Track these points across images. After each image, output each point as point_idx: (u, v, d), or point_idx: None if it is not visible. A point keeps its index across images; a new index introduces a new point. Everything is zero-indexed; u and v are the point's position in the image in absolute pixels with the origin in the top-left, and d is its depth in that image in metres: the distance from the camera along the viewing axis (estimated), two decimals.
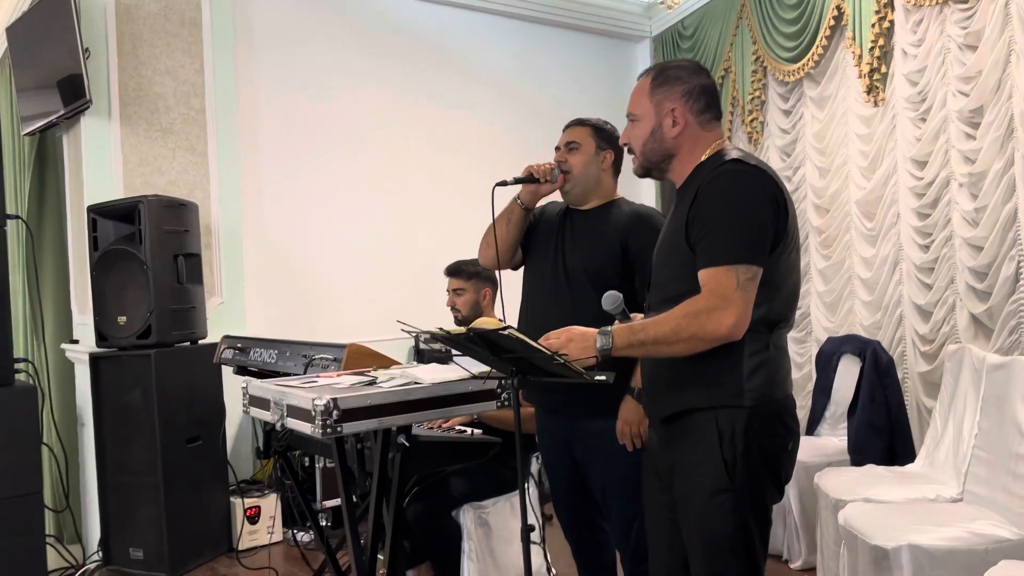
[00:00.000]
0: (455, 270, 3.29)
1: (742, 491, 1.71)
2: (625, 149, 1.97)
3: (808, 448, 3.62)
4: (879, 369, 3.62)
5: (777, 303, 1.75)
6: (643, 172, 1.92)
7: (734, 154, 1.78)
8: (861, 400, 3.60)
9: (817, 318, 4.55)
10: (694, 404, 1.75)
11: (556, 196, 2.50)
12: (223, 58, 4.31)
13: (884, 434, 3.54)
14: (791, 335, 4.67)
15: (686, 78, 1.85)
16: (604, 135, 2.44)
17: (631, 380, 2.21)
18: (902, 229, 3.99)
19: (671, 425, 1.82)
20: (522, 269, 2.58)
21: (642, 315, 1.91)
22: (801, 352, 4.64)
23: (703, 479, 1.73)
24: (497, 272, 2.67)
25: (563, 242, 2.42)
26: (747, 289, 1.65)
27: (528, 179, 2.36)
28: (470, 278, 3.24)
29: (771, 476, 1.76)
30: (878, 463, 3.41)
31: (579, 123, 2.47)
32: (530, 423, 2.74)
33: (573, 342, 1.73)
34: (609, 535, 2.49)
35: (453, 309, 3.31)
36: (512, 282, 2.57)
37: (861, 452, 3.50)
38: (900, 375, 3.82)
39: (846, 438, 3.63)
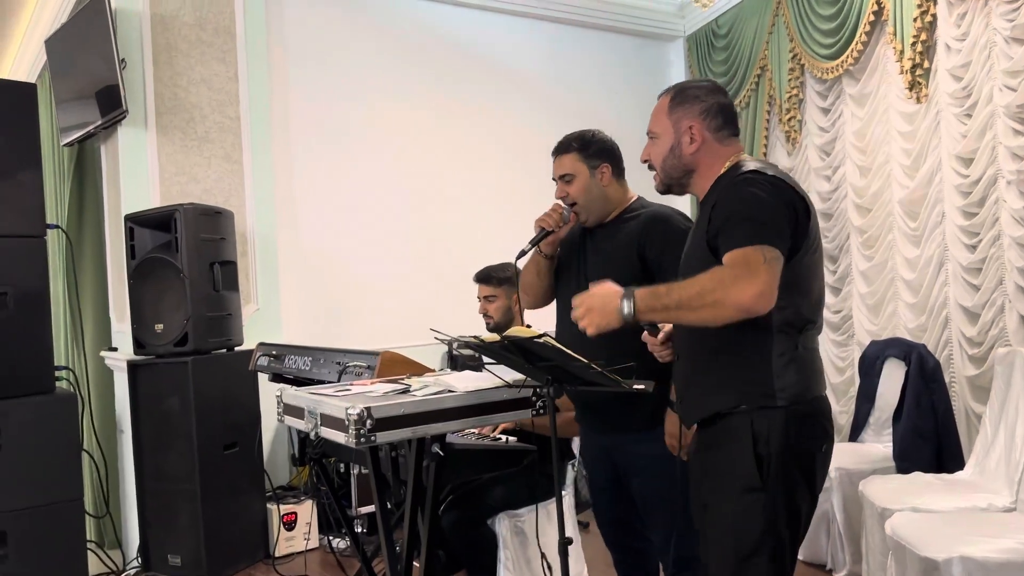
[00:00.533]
0: (485, 277, 3.26)
1: (774, 492, 1.71)
2: (646, 165, 2.00)
3: (852, 454, 3.52)
4: (925, 373, 3.51)
5: (803, 305, 1.76)
6: (664, 188, 1.97)
7: (751, 165, 1.82)
8: (907, 405, 3.49)
9: (860, 321, 4.45)
10: (727, 406, 1.76)
11: None
12: (257, 67, 4.34)
13: (931, 440, 3.43)
14: (832, 338, 4.58)
15: (704, 97, 1.90)
16: (591, 151, 2.38)
17: (671, 392, 2.16)
18: (947, 228, 3.87)
19: (706, 430, 1.83)
20: None
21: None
22: (843, 356, 4.53)
23: (734, 478, 1.73)
24: None
25: (585, 261, 2.39)
26: (772, 266, 1.63)
27: (543, 236, 2.35)
28: (501, 284, 3.21)
29: (805, 479, 1.75)
30: (925, 470, 3.30)
31: (562, 150, 2.40)
32: (570, 427, 2.70)
33: (593, 311, 1.72)
34: (651, 545, 2.44)
35: (485, 316, 3.28)
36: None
37: (907, 459, 3.40)
38: (947, 379, 3.70)
39: (891, 444, 3.53)
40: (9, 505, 3.32)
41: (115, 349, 4.18)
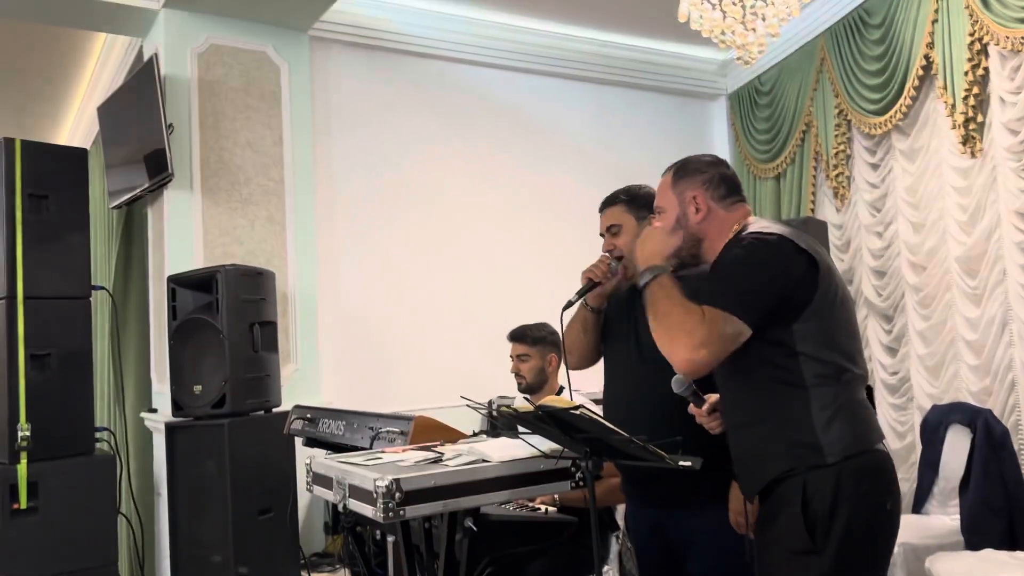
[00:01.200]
0: (519, 335, 3.20)
1: (827, 556, 1.62)
2: None
3: (916, 528, 3.31)
4: (992, 441, 3.31)
5: (836, 354, 1.73)
6: (677, 264, 1.92)
7: (755, 227, 1.82)
8: (974, 475, 3.29)
9: (919, 383, 4.24)
10: (780, 472, 1.70)
11: None
12: (301, 131, 4.40)
13: (1003, 514, 3.21)
14: (890, 401, 4.37)
15: (704, 168, 1.95)
16: (639, 203, 2.37)
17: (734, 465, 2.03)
18: (1010, 286, 3.70)
19: (766, 501, 1.76)
20: None
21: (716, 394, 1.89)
22: (903, 420, 4.32)
23: (787, 542, 1.66)
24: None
25: (637, 322, 2.28)
26: (725, 340, 1.67)
27: (590, 287, 2.29)
28: (535, 344, 3.15)
29: (867, 541, 1.64)
30: (996, 546, 3.09)
31: (609, 203, 2.42)
32: (613, 495, 2.57)
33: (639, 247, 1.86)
34: None
35: (517, 375, 3.21)
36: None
37: (977, 533, 3.18)
38: (1016, 446, 3.48)
39: (958, 517, 3.32)
40: (44, 570, 3.29)
41: (155, 410, 4.18)
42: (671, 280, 1.78)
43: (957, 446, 3.47)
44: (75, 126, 5.91)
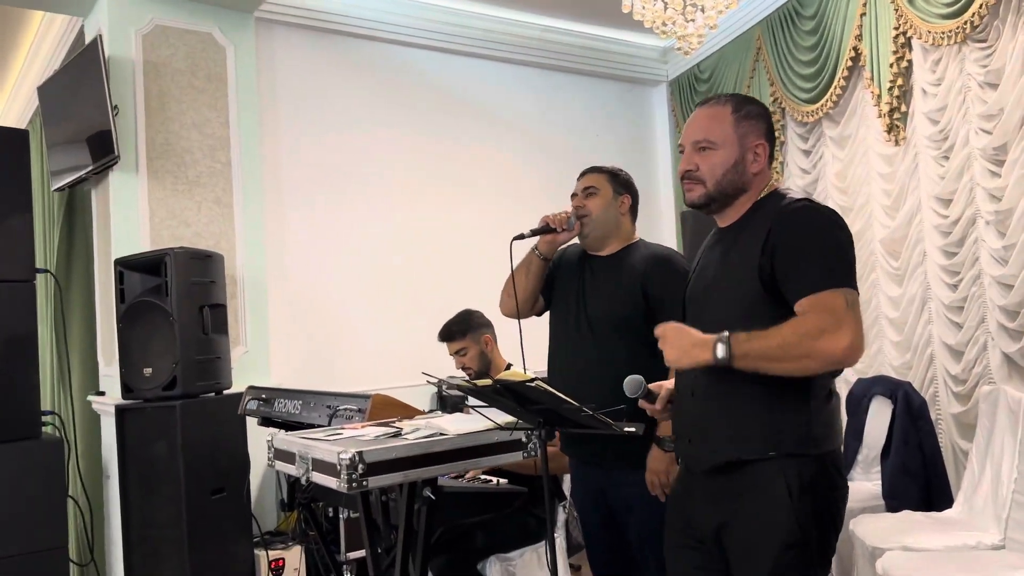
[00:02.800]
0: (447, 335, 3.28)
1: (812, 546, 1.64)
2: (684, 177, 1.81)
3: None
4: (911, 411, 3.54)
5: None
6: (704, 202, 1.77)
7: (797, 194, 1.75)
8: (894, 443, 3.52)
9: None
10: (756, 453, 1.64)
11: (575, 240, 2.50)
12: (248, 112, 4.39)
13: (919, 478, 3.45)
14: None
15: (767, 118, 1.80)
16: (620, 181, 2.50)
17: (657, 429, 2.17)
18: (929, 268, 3.94)
19: (722, 476, 1.70)
20: (547, 315, 2.57)
21: (667, 384, 1.85)
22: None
23: (773, 534, 1.63)
24: (518, 320, 2.65)
25: (584, 290, 2.41)
26: (855, 311, 1.55)
27: (545, 229, 2.38)
28: (464, 335, 3.24)
29: (835, 528, 1.69)
30: (914, 508, 3.32)
31: (595, 170, 2.52)
32: (557, 460, 2.70)
33: (677, 349, 1.60)
34: None
35: (464, 369, 3.29)
36: (532, 325, 2.55)
37: (896, 497, 3.41)
38: (933, 416, 3.74)
39: (880, 483, 3.55)
40: None
41: (102, 393, 4.16)
42: (744, 335, 1.57)
43: (879, 416, 3.70)
44: (9, 105, 5.75)
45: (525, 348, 2.37)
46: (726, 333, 1.58)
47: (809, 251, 1.61)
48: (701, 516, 1.78)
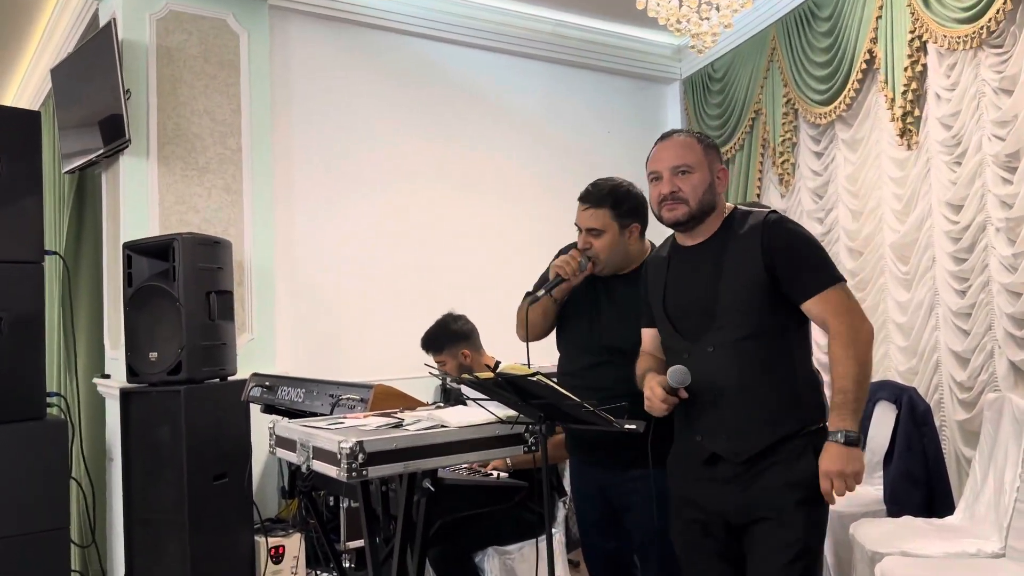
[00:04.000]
0: (424, 347, 3.30)
1: (826, 505, 1.89)
2: (667, 199, 2.02)
3: (843, 497, 3.52)
4: (916, 417, 3.53)
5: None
6: (687, 219, 2.01)
7: (758, 210, 2.03)
8: (897, 449, 3.51)
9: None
10: (790, 430, 1.87)
11: None
12: (259, 99, 4.40)
13: (922, 485, 3.43)
14: (825, 379, 4.59)
15: (720, 150, 2.20)
16: (624, 211, 2.36)
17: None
18: (938, 274, 3.92)
19: (759, 460, 1.89)
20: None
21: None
22: None
23: (800, 488, 1.83)
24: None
25: (598, 309, 2.39)
26: (852, 295, 1.91)
27: (558, 283, 2.32)
28: (441, 350, 3.24)
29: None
30: (915, 514, 3.31)
31: (597, 204, 2.34)
32: (558, 451, 2.70)
33: (849, 474, 1.78)
34: None
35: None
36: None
37: (898, 503, 3.40)
38: (937, 423, 3.72)
39: (882, 488, 3.54)
40: None
41: (108, 376, 4.17)
42: (838, 416, 1.80)
43: (883, 421, 3.69)
44: (23, 86, 5.77)
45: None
46: (841, 435, 1.79)
47: (803, 257, 1.91)
48: (729, 498, 1.93)
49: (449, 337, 3.22)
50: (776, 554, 1.83)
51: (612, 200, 2.35)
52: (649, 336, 2.16)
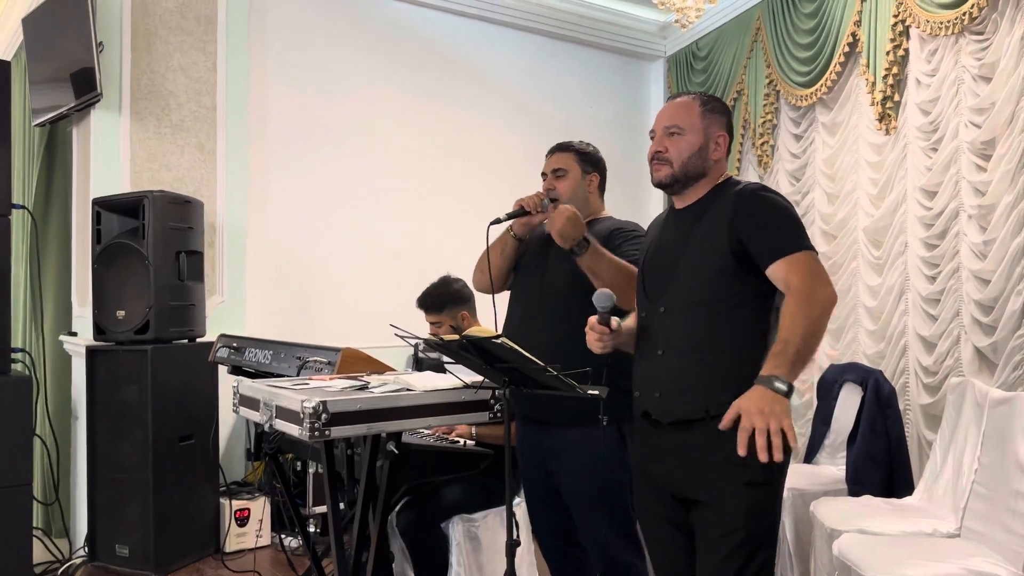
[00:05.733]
0: (423, 305, 3.21)
1: (775, 485, 1.81)
2: (653, 158, 2.00)
3: (805, 476, 3.57)
4: (880, 399, 3.57)
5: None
6: (670, 182, 1.98)
7: (749, 181, 1.98)
8: (861, 430, 3.55)
9: (821, 344, 4.50)
10: (725, 400, 1.73)
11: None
12: (236, 58, 4.32)
13: (883, 465, 3.48)
14: None
15: (728, 114, 2.04)
16: (589, 159, 2.53)
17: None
18: (909, 259, 3.95)
19: (693, 428, 1.82)
20: None
21: (619, 318, 1.96)
22: (803, 379, 4.59)
23: (744, 474, 1.75)
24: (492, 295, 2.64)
25: (546, 266, 2.44)
26: (820, 264, 1.81)
27: (520, 213, 2.41)
28: (441, 310, 3.18)
29: (784, 473, 1.86)
30: (876, 494, 3.36)
31: (563, 149, 2.53)
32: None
33: (766, 412, 1.63)
34: (587, 553, 2.45)
35: None
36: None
37: (859, 483, 3.44)
38: (902, 406, 3.77)
39: (844, 468, 3.58)
40: None
41: (75, 334, 4.12)
42: (773, 362, 1.69)
43: (848, 403, 3.73)
44: None
45: (500, 322, 2.39)
46: (767, 376, 1.67)
47: (774, 223, 1.85)
48: (670, 470, 1.88)
49: (451, 297, 3.17)
50: (716, 543, 1.78)
51: (577, 147, 2.54)
52: None
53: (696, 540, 1.86)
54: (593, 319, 1.89)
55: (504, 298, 2.55)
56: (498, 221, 2.39)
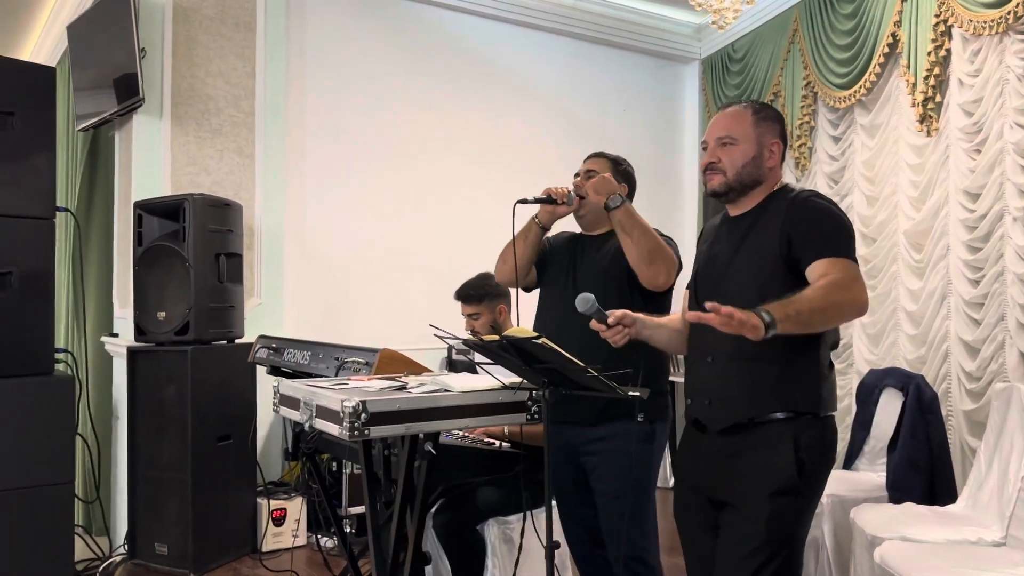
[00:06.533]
0: (463, 296, 3.22)
1: (804, 498, 1.80)
2: (707, 169, 2.00)
3: (845, 482, 3.51)
4: (922, 405, 3.50)
5: None
6: (724, 190, 1.98)
7: (804, 189, 1.97)
8: (902, 436, 3.48)
9: (860, 350, 4.44)
10: (773, 410, 1.80)
11: (567, 223, 2.57)
12: (275, 64, 4.38)
13: (925, 472, 3.42)
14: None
15: (782, 122, 2.03)
16: (621, 170, 2.58)
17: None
18: (951, 262, 3.88)
19: (737, 435, 1.85)
20: (536, 292, 2.64)
21: (622, 310, 1.95)
22: (842, 384, 4.53)
23: (773, 479, 1.78)
24: (513, 290, 2.67)
25: (575, 267, 2.48)
26: (861, 276, 1.78)
27: (547, 200, 2.43)
28: (481, 300, 3.20)
29: (821, 489, 1.86)
30: (917, 502, 3.29)
31: (600, 155, 2.62)
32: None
33: (733, 323, 1.61)
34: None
35: (473, 333, 3.28)
36: (527, 300, 2.58)
37: (900, 489, 3.38)
38: (944, 412, 3.70)
39: (885, 474, 3.52)
40: (1, 484, 3.33)
41: (116, 335, 4.20)
42: (774, 303, 1.65)
43: (889, 408, 3.66)
44: (40, 43, 5.76)
45: (523, 320, 2.39)
46: (764, 308, 1.64)
47: (823, 227, 1.83)
48: (710, 472, 1.90)
49: (491, 290, 3.20)
50: (735, 546, 1.80)
51: (614, 159, 2.61)
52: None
53: (718, 540, 1.88)
54: (594, 322, 1.90)
55: (532, 302, 2.57)
56: (525, 201, 2.42)
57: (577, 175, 2.58)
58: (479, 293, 3.20)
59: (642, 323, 1.95)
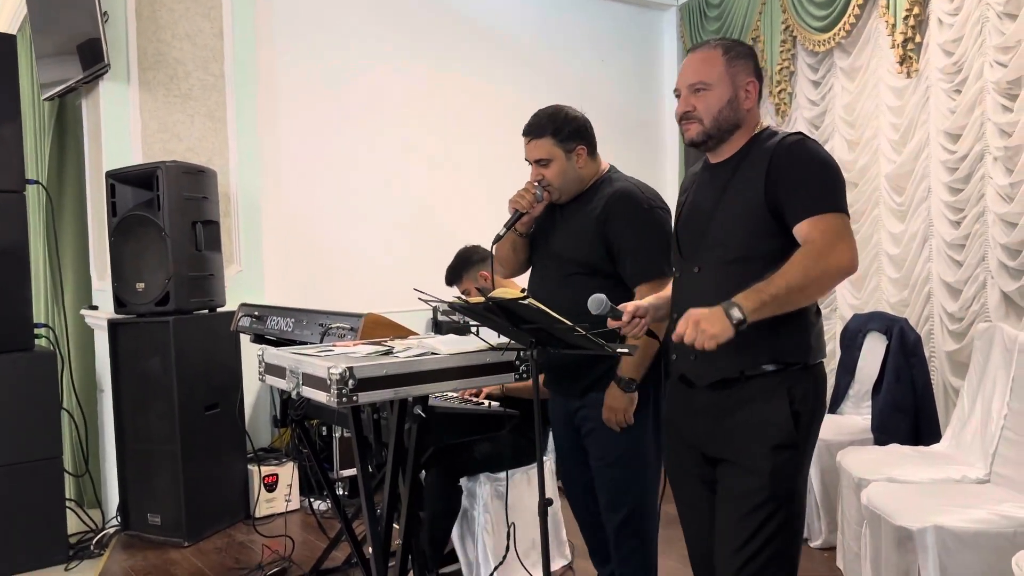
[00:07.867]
0: (448, 281, 3.28)
1: (801, 450, 1.77)
2: (682, 118, 1.89)
3: (831, 426, 3.55)
4: (905, 347, 3.54)
5: None
6: (703, 139, 1.88)
7: (787, 130, 1.89)
8: (886, 379, 3.52)
9: (843, 295, 4.47)
10: (763, 362, 1.75)
11: None
12: (243, 24, 4.26)
13: (909, 414, 3.46)
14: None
15: (754, 57, 1.91)
16: (565, 133, 2.33)
17: (617, 368, 2.20)
18: (933, 204, 3.88)
19: (726, 390, 1.80)
20: None
21: (632, 302, 1.92)
22: (826, 329, 4.54)
23: (766, 436, 1.75)
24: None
25: (551, 233, 2.40)
26: (850, 231, 1.72)
27: (517, 216, 2.32)
28: (461, 278, 3.23)
29: (815, 437, 1.83)
30: (902, 443, 3.34)
31: (536, 135, 2.35)
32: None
33: (706, 330, 1.60)
34: None
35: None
36: None
37: (885, 431, 3.43)
38: (927, 354, 3.73)
39: (870, 417, 3.57)
40: None
41: (95, 307, 4.14)
42: (744, 293, 1.63)
43: (873, 352, 3.70)
44: None
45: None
46: (731, 300, 1.62)
47: (809, 179, 1.75)
48: (702, 429, 1.86)
49: (465, 262, 3.21)
50: (738, 502, 1.77)
51: (552, 127, 2.34)
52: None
53: (717, 497, 1.85)
54: (611, 321, 1.86)
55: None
56: (499, 238, 2.32)
57: (528, 160, 2.38)
58: (456, 273, 3.31)
59: (654, 308, 1.92)
